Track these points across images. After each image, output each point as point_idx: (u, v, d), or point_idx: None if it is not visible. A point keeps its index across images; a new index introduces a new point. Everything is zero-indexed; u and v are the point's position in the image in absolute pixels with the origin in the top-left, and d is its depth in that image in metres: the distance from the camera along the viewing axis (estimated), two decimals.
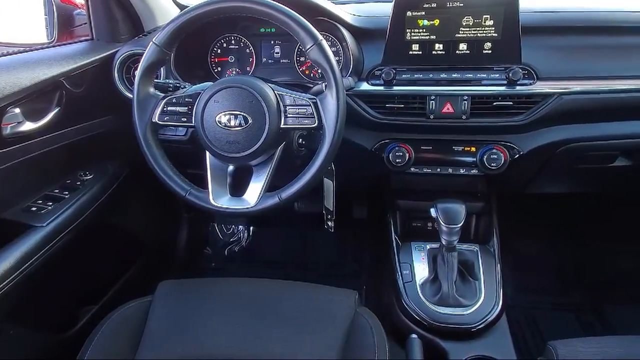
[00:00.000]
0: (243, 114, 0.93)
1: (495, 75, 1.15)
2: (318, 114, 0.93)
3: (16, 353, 1.15)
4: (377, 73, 1.19)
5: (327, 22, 1.23)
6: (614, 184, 1.52)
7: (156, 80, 1.03)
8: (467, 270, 1.24)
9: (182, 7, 1.45)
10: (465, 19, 1.13)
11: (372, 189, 1.60)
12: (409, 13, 1.14)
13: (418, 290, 1.22)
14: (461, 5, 1.12)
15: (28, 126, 1.06)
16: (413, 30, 1.16)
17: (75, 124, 1.21)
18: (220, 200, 0.98)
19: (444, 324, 1.15)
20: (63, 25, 1.31)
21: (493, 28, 1.12)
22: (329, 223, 1.34)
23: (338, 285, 1.06)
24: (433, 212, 1.16)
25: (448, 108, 1.16)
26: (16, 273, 0.99)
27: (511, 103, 1.15)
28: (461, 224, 1.13)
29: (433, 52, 1.17)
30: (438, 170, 1.29)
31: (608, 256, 1.80)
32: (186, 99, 0.98)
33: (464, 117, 1.16)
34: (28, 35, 1.33)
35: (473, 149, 1.25)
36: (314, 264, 1.97)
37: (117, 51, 1.26)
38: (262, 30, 1.34)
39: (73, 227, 1.16)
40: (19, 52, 1.14)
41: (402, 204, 1.40)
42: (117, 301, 1.02)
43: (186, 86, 1.07)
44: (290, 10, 0.91)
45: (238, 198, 0.99)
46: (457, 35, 1.14)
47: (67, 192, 1.20)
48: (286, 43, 1.34)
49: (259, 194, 0.97)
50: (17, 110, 1.03)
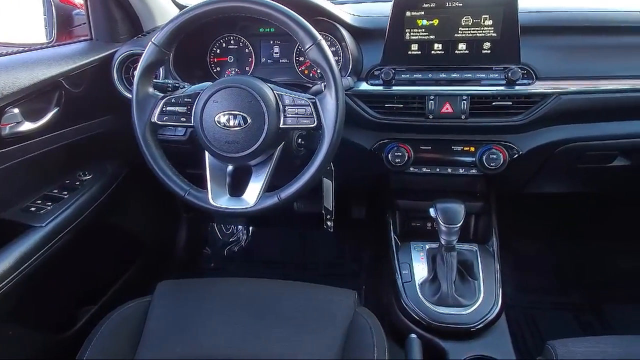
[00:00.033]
0: (242, 114, 0.93)
1: (494, 75, 1.15)
2: (317, 114, 0.93)
3: (15, 353, 1.14)
4: (376, 73, 1.19)
5: (326, 22, 1.23)
6: (613, 184, 1.52)
7: (155, 80, 1.03)
8: (467, 270, 1.24)
9: (181, 7, 1.45)
10: (464, 19, 1.13)
11: (372, 189, 1.60)
12: (408, 13, 1.14)
13: (417, 290, 1.22)
14: (460, 5, 1.12)
15: (27, 126, 1.05)
16: (412, 30, 1.16)
17: (74, 124, 1.21)
18: (219, 200, 0.98)
19: (443, 324, 1.15)
20: (62, 25, 1.31)
21: (492, 28, 1.13)
22: (328, 223, 1.34)
23: (337, 285, 1.06)
24: (432, 212, 1.16)
25: (447, 108, 1.16)
26: (15, 273, 0.99)
27: (510, 103, 1.15)
28: (460, 224, 1.13)
29: (432, 52, 1.17)
30: (437, 170, 1.29)
31: (607, 256, 1.80)
32: (185, 99, 0.98)
33: (463, 117, 1.16)
34: (27, 35, 1.33)
35: (472, 149, 1.25)
36: (313, 264, 1.97)
37: (116, 51, 1.25)
38: (262, 30, 1.34)
39: (72, 227, 1.16)
40: (18, 52, 1.14)
41: (402, 204, 1.40)
42: (117, 301, 1.02)
43: (185, 86, 1.07)
44: (289, 10, 0.91)
45: (237, 198, 0.99)
46: (456, 35, 1.14)
47: (66, 192, 1.20)
48: (285, 43, 1.34)
49: (258, 194, 0.97)
50: (16, 110, 1.03)
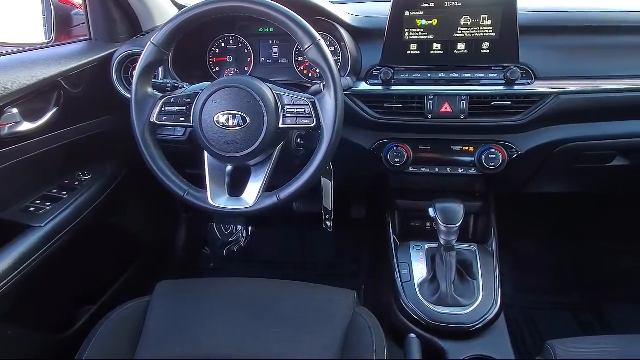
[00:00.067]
0: (241, 114, 0.93)
1: (493, 75, 1.15)
2: (316, 114, 0.93)
3: (15, 353, 1.14)
4: (376, 73, 1.19)
5: (326, 22, 1.23)
6: (612, 184, 1.52)
7: (154, 80, 1.03)
8: (466, 269, 1.24)
9: (181, 7, 1.45)
10: (463, 19, 1.13)
11: (371, 189, 1.60)
12: (407, 13, 1.14)
13: (416, 290, 1.22)
14: (459, 5, 1.12)
15: (26, 126, 1.05)
16: (411, 30, 1.16)
17: (73, 124, 1.21)
18: (218, 200, 0.98)
19: (443, 324, 1.15)
20: (61, 25, 1.30)
21: (491, 28, 1.13)
22: (328, 223, 1.34)
23: (337, 285, 1.06)
24: (431, 212, 1.16)
25: (446, 108, 1.16)
26: (14, 273, 0.99)
27: (509, 103, 1.15)
28: (459, 224, 1.13)
29: (431, 52, 1.17)
30: (436, 170, 1.29)
31: (606, 256, 1.80)
32: (184, 99, 0.98)
33: (463, 117, 1.16)
34: (26, 35, 1.33)
35: (471, 149, 1.25)
36: (313, 264, 1.97)
37: (115, 51, 1.25)
38: (261, 30, 1.34)
39: (71, 228, 1.16)
40: (17, 52, 1.14)
41: (401, 204, 1.40)
42: (116, 301, 1.02)
43: (184, 86, 1.07)
44: (288, 10, 0.91)
45: (236, 198, 0.99)
46: (455, 35, 1.14)
47: (66, 192, 1.20)
48: (284, 43, 1.34)
49: (258, 194, 0.97)
50: (15, 110, 1.02)
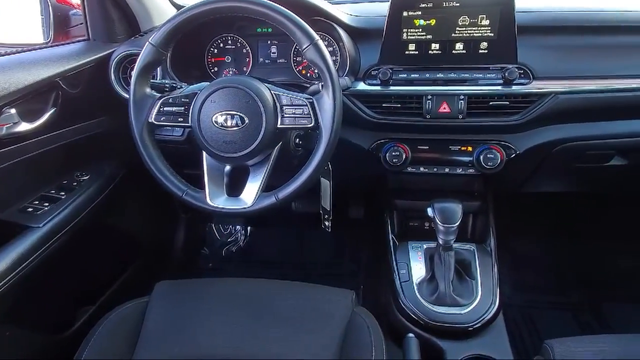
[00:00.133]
0: (240, 114, 0.93)
1: (491, 74, 1.15)
2: (314, 114, 0.93)
3: (13, 354, 1.14)
4: (374, 73, 1.19)
5: (324, 22, 1.23)
6: (610, 183, 1.52)
7: (152, 80, 1.03)
8: (464, 269, 1.25)
9: (179, 7, 1.45)
10: (461, 19, 1.13)
11: (369, 189, 1.60)
12: (405, 13, 1.15)
13: (415, 289, 1.22)
14: (457, 5, 1.12)
15: (24, 127, 1.05)
16: (409, 30, 1.16)
17: (71, 125, 1.21)
18: (217, 200, 0.98)
19: (441, 323, 1.15)
20: (59, 25, 1.30)
21: (489, 28, 1.13)
22: (326, 223, 1.34)
23: (335, 285, 1.06)
24: (430, 212, 1.16)
25: (444, 108, 1.16)
26: (13, 274, 0.99)
27: (507, 103, 1.15)
28: (458, 224, 1.14)
29: (429, 52, 1.17)
30: (435, 169, 1.29)
31: (605, 255, 1.80)
32: (182, 99, 0.98)
33: (461, 117, 1.17)
34: (24, 35, 1.32)
35: (470, 149, 1.25)
36: (311, 264, 1.97)
37: (114, 51, 1.25)
38: (259, 30, 1.34)
39: (70, 228, 1.16)
40: (15, 53, 1.14)
41: (399, 204, 1.40)
42: (114, 302, 1.02)
43: (183, 86, 1.06)
44: (286, 10, 0.91)
45: (235, 198, 0.99)
46: (454, 35, 1.15)
47: (64, 193, 1.20)
48: (283, 43, 1.33)
49: (256, 194, 0.97)
50: (13, 110, 1.02)
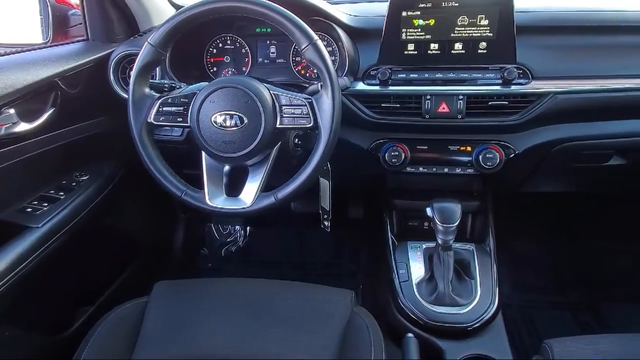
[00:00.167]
0: (239, 114, 0.93)
1: (490, 74, 1.15)
2: (314, 114, 0.93)
3: (12, 354, 1.14)
4: (373, 73, 1.19)
5: (323, 22, 1.23)
6: (609, 183, 1.52)
7: (151, 80, 1.03)
8: (463, 269, 1.25)
9: (178, 7, 1.45)
10: (460, 19, 1.13)
11: (368, 189, 1.60)
12: (405, 13, 1.15)
13: (414, 289, 1.22)
14: (456, 5, 1.13)
15: (23, 127, 1.05)
16: (408, 30, 1.16)
17: (70, 125, 1.21)
18: (216, 200, 0.98)
19: (440, 323, 1.15)
20: (58, 25, 1.30)
21: (488, 28, 1.13)
22: (326, 223, 1.34)
23: (335, 285, 1.06)
24: (429, 212, 1.16)
25: (443, 108, 1.16)
26: (11, 274, 0.99)
27: (506, 102, 1.15)
28: (457, 223, 1.14)
29: (428, 52, 1.17)
30: (434, 169, 1.29)
31: (604, 255, 1.80)
32: (182, 99, 0.98)
33: (460, 117, 1.17)
34: (23, 35, 1.32)
35: (469, 149, 1.25)
36: (311, 264, 1.97)
37: (113, 51, 1.25)
38: (258, 30, 1.34)
39: (69, 228, 1.16)
40: (14, 53, 1.14)
41: (398, 204, 1.40)
42: (114, 302, 1.02)
43: (182, 86, 1.06)
44: (285, 10, 0.91)
45: (234, 198, 0.99)
46: (453, 35, 1.15)
47: (63, 193, 1.20)
48: (282, 43, 1.33)
49: (255, 194, 0.97)
50: (12, 111, 1.02)
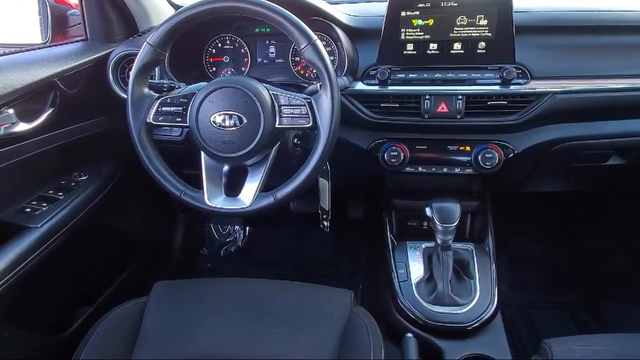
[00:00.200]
0: (238, 114, 0.93)
1: (489, 74, 1.15)
2: (313, 114, 0.93)
3: (11, 354, 1.14)
4: (372, 73, 1.19)
5: (322, 22, 1.23)
6: (608, 183, 1.52)
7: (150, 80, 1.03)
8: (463, 269, 1.25)
9: (177, 7, 1.45)
10: (459, 19, 1.13)
11: (368, 189, 1.60)
12: (404, 13, 1.15)
13: (413, 289, 1.22)
14: (455, 4, 1.13)
15: (22, 127, 1.05)
16: (407, 30, 1.16)
17: (69, 125, 1.21)
18: (215, 200, 0.98)
19: (440, 323, 1.16)
20: (57, 25, 1.30)
21: (487, 28, 1.13)
22: (325, 223, 1.34)
23: (334, 284, 1.06)
24: (428, 212, 1.16)
25: (443, 107, 1.16)
26: (10, 274, 0.99)
27: (505, 102, 1.15)
28: (456, 223, 1.14)
29: (427, 52, 1.17)
30: (433, 169, 1.29)
31: (603, 254, 1.80)
32: (181, 99, 0.98)
33: (459, 117, 1.17)
34: (22, 35, 1.32)
35: (468, 149, 1.25)
36: (310, 264, 1.96)
37: (112, 51, 1.25)
38: (257, 30, 1.34)
39: (68, 228, 1.16)
40: (13, 53, 1.14)
41: (398, 204, 1.40)
42: (113, 302, 1.02)
43: (181, 86, 1.06)
44: (284, 10, 0.91)
45: (233, 198, 0.99)
46: (452, 34, 1.15)
47: (62, 193, 1.20)
48: (281, 43, 1.33)
49: (254, 194, 0.97)
50: (11, 111, 1.02)
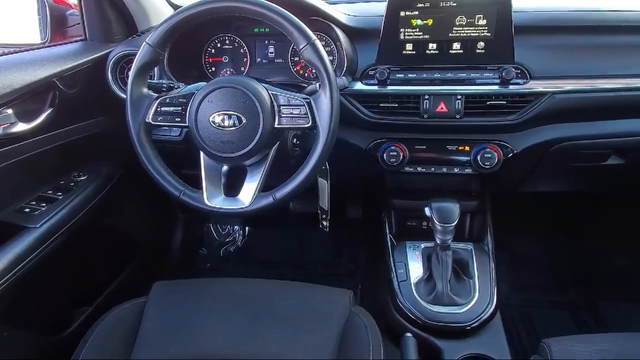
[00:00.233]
0: (237, 114, 0.93)
1: (488, 74, 1.15)
2: (312, 114, 0.93)
3: (10, 354, 1.14)
4: (371, 73, 1.19)
5: (321, 22, 1.23)
6: (607, 183, 1.52)
7: (150, 80, 1.03)
8: (462, 269, 1.25)
9: (176, 7, 1.45)
10: (458, 19, 1.13)
11: (367, 189, 1.60)
12: (403, 13, 1.15)
13: (413, 289, 1.22)
14: (454, 4, 1.13)
15: (21, 127, 1.05)
16: (407, 29, 1.16)
17: (68, 125, 1.20)
18: (214, 200, 0.98)
19: (439, 323, 1.16)
20: (56, 25, 1.30)
21: (486, 28, 1.13)
22: (324, 223, 1.34)
23: (333, 284, 1.06)
24: (427, 211, 1.16)
25: (442, 107, 1.16)
26: (9, 275, 0.99)
27: (504, 102, 1.15)
28: (455, 223, 1.14)
29: (427, 52, 1.17)
30: (432, 169, 1.29)
31: (602, 254, 1.80)
32: (180, 99, 0.98)
33: (458, 117, 1.17)
34: (21, 35, 1.32)
35: (467, 148, 1.25)
36: (309, 264, 1.96)
37: (111, 51, 1.25)
38: (256, 30, 1.34)
39: (67, 228, 1.16)
40: (12, 53, 1.13)
41: (397, 204, 1.40)
42: (112, 302, 1.02)
43: (180, 86, 1.06)
44: (283, 10, 0.91)
45: (232, 198, 0.99)
46: (451, 34, 1.15)
47: (61, 193, 1.20)
48: (280, 43, 1.33)
49: (254, 194, 0.97)
50: (10, 111, 1.02)
